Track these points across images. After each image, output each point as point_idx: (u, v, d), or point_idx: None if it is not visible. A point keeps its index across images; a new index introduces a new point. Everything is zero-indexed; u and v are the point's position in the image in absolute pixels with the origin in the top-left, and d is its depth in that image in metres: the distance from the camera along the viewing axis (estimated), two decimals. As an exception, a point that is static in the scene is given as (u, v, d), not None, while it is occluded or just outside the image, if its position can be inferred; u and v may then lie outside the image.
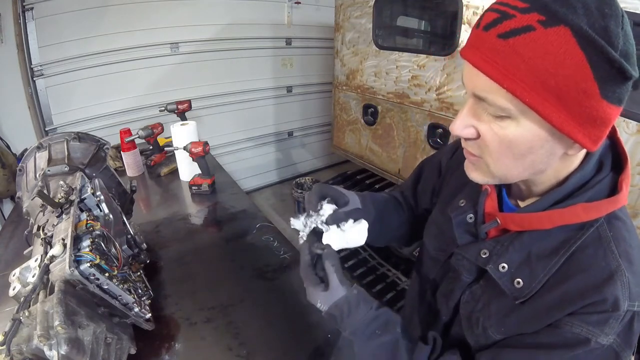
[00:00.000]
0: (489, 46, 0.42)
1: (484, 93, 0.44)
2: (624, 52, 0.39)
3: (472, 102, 0.47)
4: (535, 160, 0.46)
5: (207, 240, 1.19)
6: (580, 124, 0.41)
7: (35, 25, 2.07)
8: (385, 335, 0.58)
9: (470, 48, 0.45)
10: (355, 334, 0.58)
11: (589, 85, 0.39)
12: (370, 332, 0.58)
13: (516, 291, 0.51)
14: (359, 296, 0.59)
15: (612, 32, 0.38)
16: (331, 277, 0.59)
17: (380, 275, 2.27)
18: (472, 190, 0.62)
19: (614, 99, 0.41)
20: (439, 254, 0.69)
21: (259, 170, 3.51)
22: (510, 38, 0.40)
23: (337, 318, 0.58)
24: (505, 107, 0.43)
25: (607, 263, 0.46)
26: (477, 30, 0.44)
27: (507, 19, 0.41)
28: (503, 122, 0.45)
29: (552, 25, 0.38)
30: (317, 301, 0.59)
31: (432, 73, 1.92)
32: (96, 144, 0.98)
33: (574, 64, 0.38)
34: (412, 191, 0.84)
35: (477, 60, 0.43)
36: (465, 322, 0.61)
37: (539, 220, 0.50)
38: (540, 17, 0.39)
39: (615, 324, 0.45)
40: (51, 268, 0.59)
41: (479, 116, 0.47)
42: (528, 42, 0.39)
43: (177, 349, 0.79)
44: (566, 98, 0.40)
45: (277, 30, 3.03)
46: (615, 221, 0.49)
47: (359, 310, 0.58)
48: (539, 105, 0.40)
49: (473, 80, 0.45)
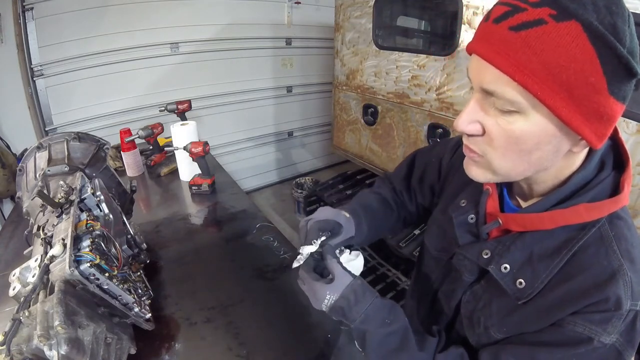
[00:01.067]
0: (500, 38, 0.42)
1: (492, 86, 0.43)
2: (630, 49, 0.39)
3: (479, 97, 0.47)
4: (541, 157, 0.46)
5: (207, 240, 1.19)
6: (588, 119, 0.41)
7: (35, 25, 2.07)
8: (394, 324, 0.58)
9: (479, 41, 0.45)
10: (366, 321, 0.57)
11: (598, 80, 0.39)
12: (381, 320, 0.57)
13: (518, 291, 0.51)
14: (364, 285, 0.59)
15: (620, 29, 0.38)
16: (335, 268, 0.59)
17: (380, 275, 2.27)
18: (474, 191, 0.62)
19: (620, 96, 0.41)
20: (440, 254, 0.69)
21: (259, 170, 3.51)
22: (522, 30, 0.40)
23: (345, 308, 0.57)
24: (515, 100, 0.42)
25: (609, 262, 0.46)
26: (487, 24, 0.44)
27: (519, 12, 0.41)
28: (511, 117, 0.44)
29: (564, 20, 0.38)
30: (325, 295, 0.58)
31: (432, 73, 1.92)
32: (96, 144, 0.97)
33: (585, 58, 0.38)
34: (406, 185, 0.83)
35: (488, 52, 0.43)
36: (467, 321, 0.61)
37: (541, 220, 0.50)
38: (552, 12, 0.39)
39: (617, 323, 0.45)
40: (51, 268, 0.59)
41: (485, 111, 0.46)
42: (540, 35, 0.39)
43: (177, 349, 0.79)
44: (576, 92, 0.40)
45: (277, 30, 3.02)
46: (617, 220, 0.49)
47: (366, 298, 0.58)
48: (549, 99, 0.40)
49: (481, 73, 0.45)
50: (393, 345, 0.57)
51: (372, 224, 0.76)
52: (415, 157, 0.83)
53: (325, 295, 0.58)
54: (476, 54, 0.45)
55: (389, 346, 0.57)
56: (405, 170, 0.84)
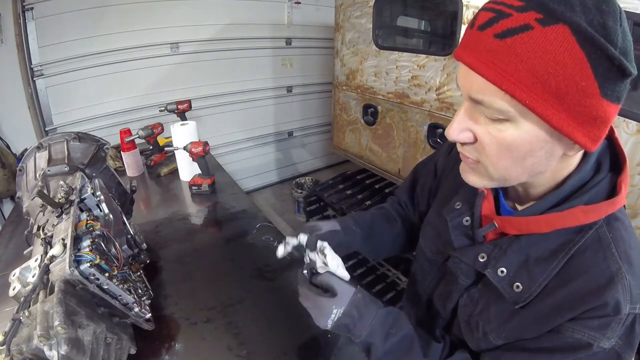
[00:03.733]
0: (486, 47, 0.41)
1: (480, 95, 0.43)
2: (623, 49, 0.38)
3: (468, 105, 0.46)
4: (535, 163, 0.45)
5: (207, 240, 1.19)
6: (580, 123, 0.40)
7: (35, 25, 2.07)
8: (399, 333, 0.57)
9: (465, 49, 0.44)
10: (372, 335, 0.56)
11: (589, 84, 0.38)
12: (385, 332, 0.57)
13: (515, 295, 0.51)
14: (365, 298, 0.58)
15: (611, 29, 0.37)
16: (334, 281, 0.58)
17: (380, 275, 2.27)
18: (468, 193, 0.61)
19: (614, 97, 0.40)
20: (435, 256, 0.68)
21: (259, 170, 3.51)
22: (507, 38, 0.39)
23: (349, 325, 0.56)
24: (503, 109, 0.42)
25: (607, 266, 0.46)
26: (472, 31, 0.43)
27: (504, 18, 0.39)
28: (501, 125, 0.43)
29: (550, 24, 0.37)
30: (331, 309, 0.56)
31: (432, 73, 1.92)
32: (96, 144, 0.97)
33: (574, 63, 0.37)
34: (409, 196, 0.84)
35: (473, 61, 0.42)
36: (465, 325, 0.60)
37: (538, 223, 0.50)
38: (538, 16, 0.38)
39: (617, 328, 0.45)
40: (51, 268, 0.59)
41: (475, 119, 0.46)
42: (526, 42, 0.38)
43: (177, 349, 0.79)
44: (566, 98, 0.39)
45: (277, 30, 3.02)
46: (615, 222, 0.49)
47: (369, 311, 0.57)
48: (539, 107, 0.39)
49: (469, 82, 0.44)
50: (398, 355, 0.57)
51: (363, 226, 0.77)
52: (417, 168, 0.84)
53: (332, 309, 0.56)
54: (462, 62, 0.44)
55: (394, 356, 0.57)
56: (408, 182, 0.85)
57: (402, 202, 0.85)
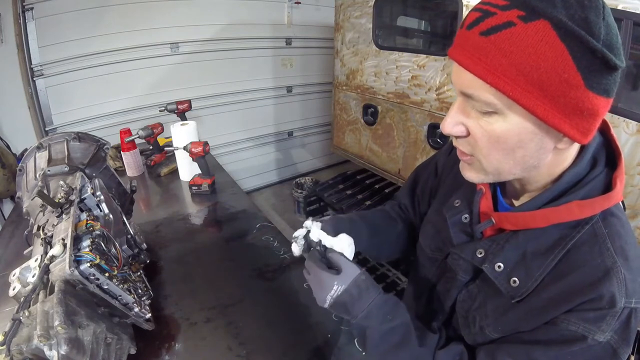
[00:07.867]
0: (472, 44, 0.43)
1: (470, 90, 0.45)
2: (607, 42, 0.39)
3: (461, 100, 0.48)
4: (525, 155, 0.47)
5: (207, 240, 1.19)
6: (567, 115, 0.42)
7: (35, 25, 2.07)
8: (396, 319, 0.58)
9: (456, 47, 0.46)
10: (369, 317, 0.57)
11: (572, 75, 0.39)
12: (382, 316, 0.58)
13: (512, 290, 0.52)
14: (367, 280, 0.59)
15: (593, 23, 0.38)
16: (340, 259, 0.60)
17: (380, 275, 2.27)
18: (467, 191, 0.63)
19: (601, 89, 0.41)
20: (435, 254, 0.69)
21: (259, 170, 3.51)
22: (491, 35, 0.41)
23: (348, 304, 0.57)
24: (490, 102, 0.44)
25: (602, 260, 0.47)
26: (462, 30, 0.46)
27: (488, 17, 0.42)
28: (490, 118, 0.46)
29: (532, 20, 0.39)
30: (332, 284, 0.57)
31: (432, 73, 1.92)
32: (96, 144, 0.97)
33: (555, 55, 0.39)
34: (410, 198, 0.85)
35: (462, 58, 0.45)
36: (462, 320, 0.61)
37: (534, 218, 0.51)
38: (520, 13, 0.40)
39: (612, 321, 0.45)
40: (51, 268, 0.59)
41: (467, 113, 0.48)
42: (508, 37, 0.40)
43: (177, 349, 0.79)
44: (550, 90, 0.40)
45: (277, 30, 3.03)
46: (611, 218, 0.49)
47: (370, 293, 0.58)
48: (523, 99, 0.41)
49: (460, 78, 0.46)
50: (394, 341, 0.57)
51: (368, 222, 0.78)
52: (418, 170, 0.85)
53: (333, 285, 0.57)
54: (454, 60, 0.47)
55: (389, 342, 0.57)
56: (409, 184, 0.86)
57: (402, 204, 0.86)
